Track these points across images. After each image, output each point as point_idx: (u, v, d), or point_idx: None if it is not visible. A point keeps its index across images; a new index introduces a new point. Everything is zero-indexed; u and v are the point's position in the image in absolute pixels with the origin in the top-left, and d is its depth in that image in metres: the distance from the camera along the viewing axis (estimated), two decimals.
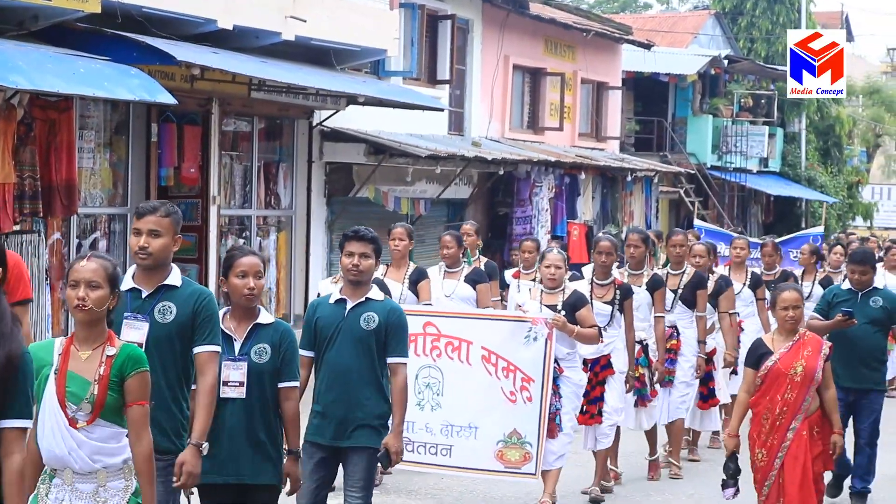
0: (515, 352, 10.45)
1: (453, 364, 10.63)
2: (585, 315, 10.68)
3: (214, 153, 17.94)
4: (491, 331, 10.71)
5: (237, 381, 7.14)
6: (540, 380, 10.35)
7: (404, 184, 22.15)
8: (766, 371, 9.20)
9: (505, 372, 10.48)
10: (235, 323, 7.25)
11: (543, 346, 10.36)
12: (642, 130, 36.94)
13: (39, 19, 14.59)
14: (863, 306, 11.19)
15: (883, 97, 54.06)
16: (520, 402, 10.40)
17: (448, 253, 12.68)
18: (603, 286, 11.52)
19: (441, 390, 10.65)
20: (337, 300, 8.11)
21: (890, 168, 64.65)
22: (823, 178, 42.65)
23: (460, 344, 10.65)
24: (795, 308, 9.26)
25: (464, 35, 25.42)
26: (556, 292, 10.77)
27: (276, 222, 20.27)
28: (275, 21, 17.51)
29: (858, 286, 11.34)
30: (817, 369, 9.15)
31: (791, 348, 9.22)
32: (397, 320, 8.05)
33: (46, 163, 14.44)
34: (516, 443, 10.39)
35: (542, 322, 10.36)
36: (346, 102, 19.71)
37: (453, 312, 11.41)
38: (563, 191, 27.03)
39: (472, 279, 12.64)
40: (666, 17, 47.81)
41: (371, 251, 8.05)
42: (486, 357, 10.54)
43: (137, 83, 14.48)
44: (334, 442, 8.00)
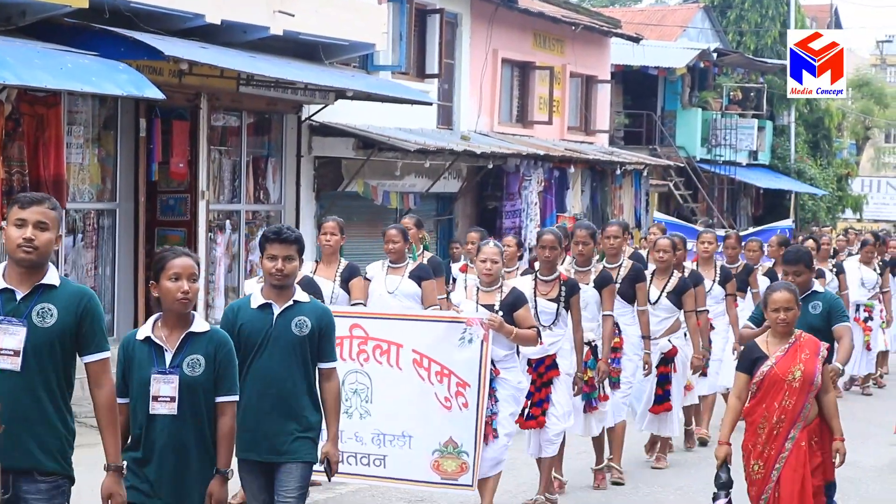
0: (449, 355, 9.76)
1: (382, 369, 9.91)
2: (524, 315, 10.05)
3: (203, 148, 17.94)
4: (423, 333, 9.97)
5: (168, 396, 6.51)
6: (476, 385, 9.68)
7: (393, 178, 22.16)
8: (762, 377, 8.61)
9: (439, 376, 9.78)
10: (167, 332, 6.60)
11: (479, 349, 9.68)
12: (631, 124, 36.97)
13: (27, 14, 14.59)
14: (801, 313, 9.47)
15: (872, 90, 54.18)
16: (455, 409, 9.73)
17: (394, 248, 12.07)
18: (547, 282, 10.82)
19: (370, 397, 9.94)
20: (261, 305, 7.54)
21: (879, 160, 64.76)
22: (813, 170, 42.72)
23: (389, 347, 9.92)
24: (787, 310, 8.65)
25: (452, 29, 25.43)
26: (493, 290, 10.13)
27: (264, 217, 20.26)
28: (263, 16, 17.50)
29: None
30: (816, 373, 8.56)
31: (787, 352, 8.63)
32: (328, 322, 7.59)
33: (34, 158, 14.44)
34: (452, 452, 9.73)
35: (478, 323, 9.70)
36: (334, 97, 19.71)
37: (382, 314, 10.64)
38: (552, 184, 27.05)
39: (417, 275, 12.05)
40: (655, 10, 47.83)
41: (295, 252, 7.54)
42: (418, 361, 9.85)
43: (125, 78, 14.47)
44: (270, 457, 7.49)
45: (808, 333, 8.92)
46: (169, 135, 17.37)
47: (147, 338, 6.60)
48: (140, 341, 6.61)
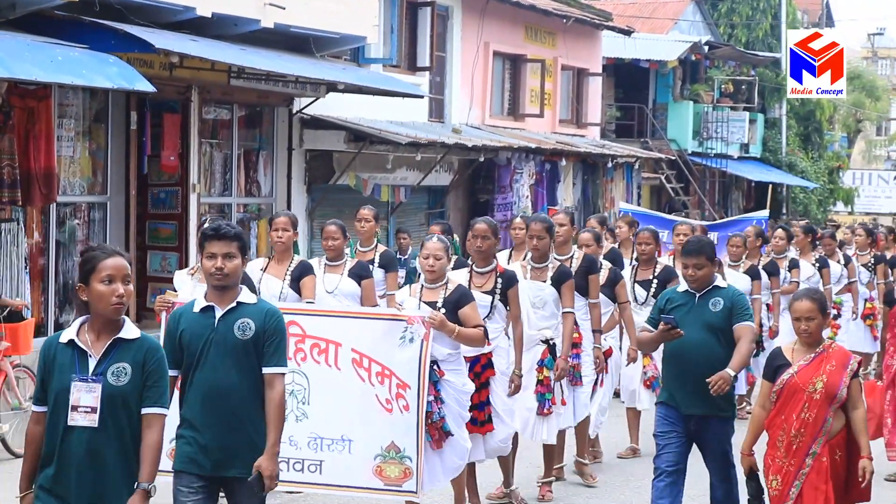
0: (390, 354, 9.19)
1: (320, 369, 9.32)
2: (469, 314, 9.49)
3: (194, 141, 17.93)
4: (362, 331, 9.38)
5: (88, 407, 5.98)
6: (415, 386, 9.14)
7: (385, 171, 22.15)
8: (782, 386, 8.22)
9: (379, 377, 9.22)
10: (93, 336, 6.08)
11: (419, 348, 9.13)
12: (623, 117, 36.97)
13: (17, 7, 14.55)
14: (700, 311, 9.05)
15: (863, 83, 54.26)
16: (396, 412, 9.17)
17: (333, 245, 11.62)
18: (482, 274, 10.20)
19: (307, 398, 9.33)
20: (203, 308, 6.99)
21: (870, 153, 64.91)
22: (804, 163, 42.79)
23: (328, 346, 9.34)
24: (810, 319, 8.20)
25: (443, 22, 25.41)
26: (437, 287, 9.61)
27: (256, 210, 20.24)
28: (254, 8, 17.47)
29: (694, 284, 9.11)
30: (840, 386, 8.09)
31: (812, 361, 8.20)
32: (275, 325, 6.95)
33: (25, 151, 14.42)
34: (395, 457, 9.16)
35: (419, 321, 9.14)
36: (325, 90, 19.69)
37: (319, 310, 10.04)
38: (543, 177, 27.06)
39: (357, 273, 11.58)
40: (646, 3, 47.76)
41: (236, 250, 6.95)
42: (358, 361, 9.28)
43: (116, 71, 14.44)
44: (217, 472, 6.93)
45: (838, 344, 8.53)
46: (160, 128, 17.35)
47: (71, 341, 6.10)
48: (63, 345, 6.11)
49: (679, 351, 9.03)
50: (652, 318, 9.28)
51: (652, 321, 9.24)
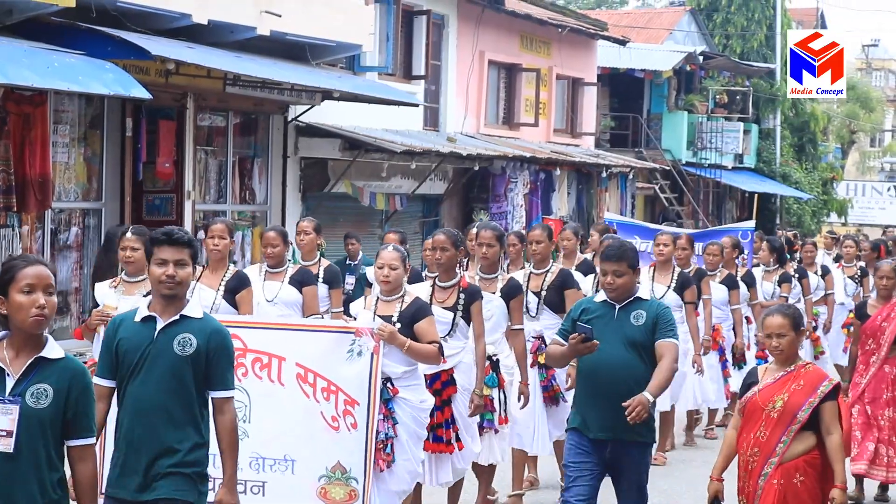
0: (337, 369, 8.66)
1: (262, 385, 8.76)
2: (425, 329, 8.93)
3: (189, 148, 17.95)
4: (307, 344, 8.84)
5: (4, 431, 5.46)
6: (365, 403, 8.61)
7: (380, 179, 22.18)
8: (744, 404, 7.85)
9: (325, 394, 8.69)
10: (12, 354, 5.55)
11: (369, 363, 8.61)
12: (617, 126, 37.01)
13: (14, 13, 14.58)
14: (620, 324, 8.04)
15: (858, 94, 54.33)
16: (343, 430, 8.64)
17: (272, 252, 11.02)
18: (444, 289, 9.64)
19: (248, 416, 8.72)
20: (145, 318, 6.47)
21: (864, 164, 64.97)
22: (798, 174, 42.83)
23: (270, 360, 8.79)
24: (781, 336, 7.76)
25: (439, 30, 25.45)
26: (393, 300, 9.03)
27: (250, 218, 20.26)
28: (250, 16, 17.51)
29: (612, 294, 8.07)
30: (802, 407, 7.61)
31: (778, 380, 7.77)
32: (221, 343, 6.46)
33: (20, 157, 14.44)
34: (341, 478, 8.63)
35: (367, 333, 8.63)
36: (321, 97, 19.72)
37: (261, 322, 9.43)
38: (538, 187, 27.10)
39: (298, 280, 10.98)
40: (641, 13, 47.92)
41: (188, 257, 6.50)
42: (302, 376, 8.73)
43: (112, 77, 14.47)
44: (138, 496, 6.41)
45: (814, 364, 8.12)
46: (155, 134, 17.38)
47: None
48: None
49: (594, 368, 7.99)
50: (564, 329, 8.22)
51: (563, 333, 8.17)
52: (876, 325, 11.58)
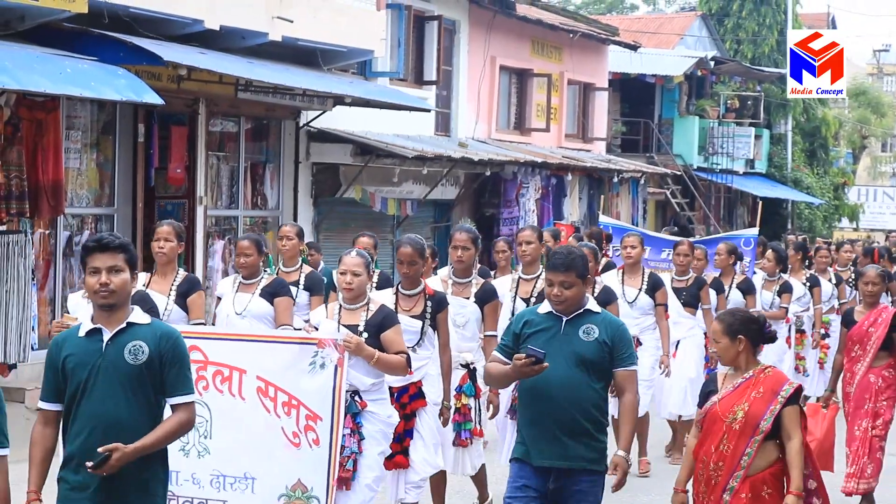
0: (298, 382, 8.27)
1: (223, 399, 8.36)
2: (393, 338, 8.53)
3: (201, 154, 17.96)
4: (269, 356, 8.42)
5: None
6: (328, 418, 8.21)
7: (391, 184, 22.17)
8: (704, 414, 7.47)
9: (286, 408, 8.29)
10: None
11: (332, 376, 8.20)
12: (629, 131, 36.99)
13: (26, 19, 14.58)
14: (567, 339, 7.20)
15: (869, 99, 54.32)
16: (304, 447, 8.26)
17: (246, 261, 10.45)
18: (410, 297, 9.28)
19: (209, 432, 8.36)
20: (89, 331, 6.09)
21: (876, 169, 64.92)
22: (809, 179, 42.77)
23: (231, 373, 8.37)
24: (715, 342, 7.53)
25: (450, 36, 25.45)
26: (357, 308, 8.63)
27: (262, 223, 20.26)
28: (262, 21, 17.51)
29: (560, 307, 7.24)
30: (764, 415, 7.27)
31: (738, 388, 7.40)
32: (173, 347, 6.12)
33: (33, 163, 14.44)
34: (301, 497, 8.26)
35: (331, 344, 8.23)
36: (332, 103, 19.71)
37: (222, 333, 9.10)
38: (549, 192, 27.08)
39: (270, 292, 10.41)
40: (652, 18, 47.89)
41: (123, 263, 6.07)
42: (263, 389, 8.32)
43: (124, 83, 14.47)
44: None
45: (775, 368, 7.69)
46: (167, 140, 17.39)
47: None
48: None
49: (538, 389, 7.14)
50: (504, 344, 7.35)
51: (504, 349, 7.30)
52: (863, 331, 11.34)
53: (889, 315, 11.30)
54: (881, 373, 11.30)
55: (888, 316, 11.30)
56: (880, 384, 11.28)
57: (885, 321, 11.26)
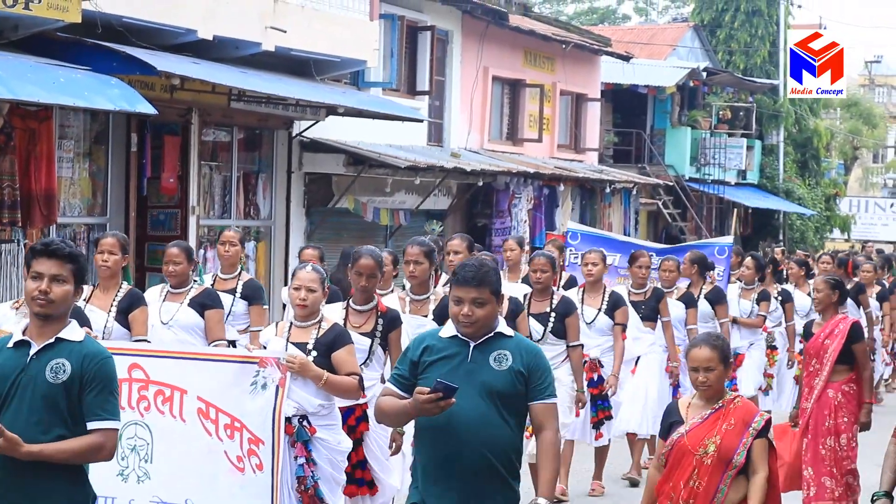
0: (240, 403, 7.75)
1: (165, 420, 7.83)
2: (344, 359, 8.03)
3: (194, 163, 17.96)
4: (209, 375, 7.88)
5: None
6: (269, 441, 7.72)
7: (383, 195, 22.19)
8: (671, 447, 7.03)
9: (229, 431, 7.75)
10: None
11: (273, 397, 7.70)
12: (621, 142, 37.03)
13: (19, 29, 14.59)
14: (476, 367, 6.05)
15: (861, 110, 54.38)
16: (248, 472, 7.76)
17: (174, 270, 9.97)
18: (361, 313, 8.74)
19: (150, 455, 7.83)
20: (18, 342, 5.63)
21: (867, 180, 65.00)
22: (801, 190, 42.82)
23: (172, 393, 7.83)
24: (709, 370, 7.00)
25: (443, 46, 25.48)
26: (308, 325, 8.14)
27: (255, 233, 20.26)
28: (255, 31, 17.53)
29: (469, 329, 6.06)
30: (738, 449, 6.91)
31: (707, 419, 7.00)
32: (97, 369, 5.56)
33: (26, 172, 14.45)
34: None
35: (272, 363, 7.73)
36: (325, 113, 19.72)
37: (164, 351, 8.45)
38: (541, 202, 27.10)
39: (200, 303, 9.91)
40: (645, 29, 47.93)
41: (69, 273, 5.62)
42: (204, 411, 7.78)
43: (117, 93, 14.48)
44: None
45: (742, 398, 7.28)
46: (160, 150, 17.39)
47: None
48: None
49: (441, 427, 5.98)
50: (399, 375, 6.19)
51: (399, 380, 6.17)
52: (819, 343, 10.75)
53: (847, 326, 10.69)
54: (841, 387, 10.71)
55: (845, 327, 10.68)
56: (840, 399, 10.69)
57: (841, 332, 10.66)
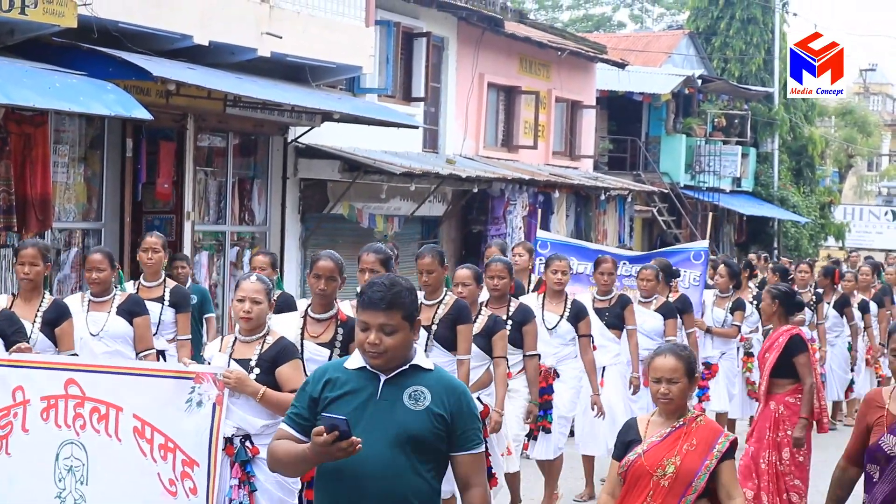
0: (174, 422, 7.27)
1: (100, 439, 7.37)
2: (289, 375, 7.42)
3: (189, 169, 17.95)
4: (144, 392, 7.39)
5: None
6: (205, 464, 7.25)
7: (379, 201, 22.18)
8: (627, 467, 6.45)
9: (162, 451, 7.28)
10: None
11: (210, 415, 7.20)
12: (616, 149, 37.05)
13: (15, 34, 14.58)
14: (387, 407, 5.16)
15: (855, 118, 54.42)
16: (181, 496, 7.29)
17: (98, 277, 9.57)
18: (320, 321, 8.18)
19: (86, 477, 7.39)
20: None
21: (862, 189, 65.06)
22: (796, 198, 42.87)
23: (108, 410, 7.36)
24: (672, 382, 6.43)
25: (439, 53, 25.49)
26: (253, 340, 7.59)
27: (249, 238, 20.26)
28: (251, 37, 17.53)
29: (377, 360, 5.17)
30: (699, 472, 6.33)
31: (666, 438, 6.43)
32: None
33: (21, 177, 14.44)
34: None
35: (209, 379, 7.27)
36: (321, 119, 19.73)
37: (100, 366, 7.93)
38: (536, 209, 27.08)
39: (127, 310, 9.55)
40: (640, 36, 47.97)
41: None
42: (140, 430, 7.30)
43: (113, 98, 14.47)
44: None
45: (706, 416, 6.66)
46: (155, 155, 17.37)
47: None
48: None
49: (343, 476, 5.11)
50: (296, 413, 5.26)
51: (296, 420, 5.25)
52: (761, 355, 10.71)
53: (785, 339, 10.48)
54: (784, 399, 10.49)
55: (784, 339, 10.48)
56: (782, 412, 10.46)
57: (780, 345, 10.47)
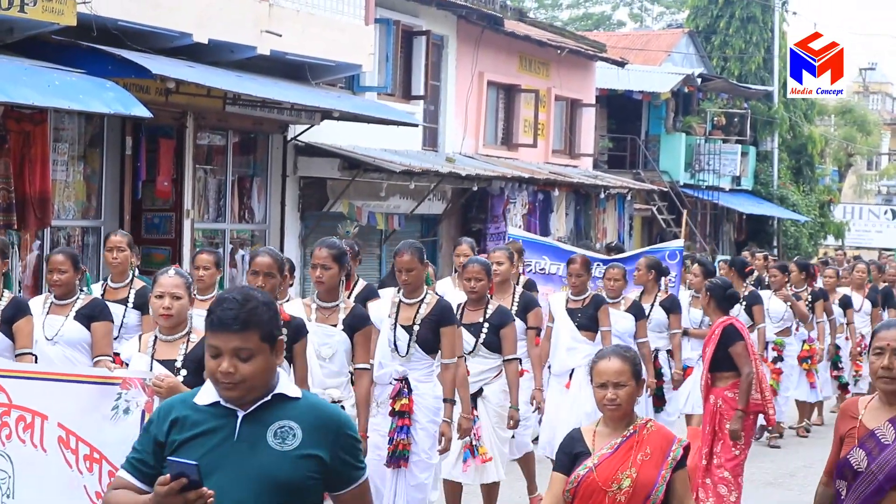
0: (100, 431, 6.67)
1: (26, 450, 6.83)
2: None
3: (188, 167, 17.96)
4: (69, 399, 6.81)
5: None
6: None
7: (378, 199, 22.18)
8: (576, 483, 5.90)
9: (88, 462, 6.70)
10: None
11: (138, 424, 6.54)
12: (615, 148, 37.05)
13: (15, 32, 14.59)
14: (248, 448, 4.35)
15: (855, 117, 54.40)
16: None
17: (60, 278, 9.05)
18: None
19: (11, 490, 6.89)
20: None
21: (861, 187, 65.06)
22: (795, 196, 42.87)
23: (34, 419, 6.83)
24: (619, 386, 5.95)
25: (438, 51, 25.48)
26: (176, 339, 7.10)
27: (249, 236, 20.26)
28: (250, 35, 17.53)
29: (232, 393, 4.35)
30: (657, 483, 5.87)
31: (619, 449, 5.93)
32: None
33: (20, 175, 14.45)
34: None
35: (137, 385, 6.65)
36: (320, 117, 19.74)
37: (26, 371, 7.30)
38: (536, 207, 27.11)
39: (86, 315, 9.01)
40: (640, 34, 47.96)
41: None
42: (65, 440, 6.75)
43: (112, 96, 14.48)
44: None
45: (656, 422, 6.22)
46: (155, 153, 17.39)
47: None
48: None
49: None
50: (136, 459, 4.53)
51: (136, 466, 4.51)
52: (703, 352, 10.50)
53: (720, 330, 10.28)
54: (723, 393, 10.31)
55: (719, 332, 10.28)
56: (720, 405, 10.28)
57: (715, 337, 10.28)
